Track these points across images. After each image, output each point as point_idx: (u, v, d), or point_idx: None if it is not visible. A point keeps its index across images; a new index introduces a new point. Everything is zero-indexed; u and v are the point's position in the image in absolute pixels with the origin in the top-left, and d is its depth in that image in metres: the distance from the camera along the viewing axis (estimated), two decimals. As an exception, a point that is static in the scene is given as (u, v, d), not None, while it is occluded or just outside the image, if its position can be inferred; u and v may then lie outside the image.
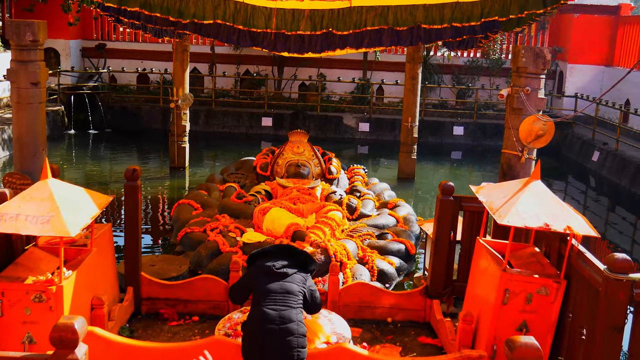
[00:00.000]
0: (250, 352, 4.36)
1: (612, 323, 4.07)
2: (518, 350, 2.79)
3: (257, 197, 9.38)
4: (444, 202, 6.08)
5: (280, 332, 4.29)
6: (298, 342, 4.30)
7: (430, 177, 14.75)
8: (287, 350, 4.26)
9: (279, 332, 4.29)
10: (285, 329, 4.31)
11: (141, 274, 6.23)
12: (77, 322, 2.85)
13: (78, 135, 17.60)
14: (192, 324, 6.08)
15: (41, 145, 7.22)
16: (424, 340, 5.89)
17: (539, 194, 4.90)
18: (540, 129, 6.47)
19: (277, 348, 4.27)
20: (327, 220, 8.34)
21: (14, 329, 4.59)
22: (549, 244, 5.27)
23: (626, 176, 14.27)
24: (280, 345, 4.26)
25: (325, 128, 18.45)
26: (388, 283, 7.39)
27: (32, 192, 4.64)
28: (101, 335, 4.47)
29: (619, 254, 4.07)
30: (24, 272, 4.80)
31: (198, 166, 14.54)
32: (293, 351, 4.27)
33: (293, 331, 4.32)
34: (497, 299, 4.84)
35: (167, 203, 11.71)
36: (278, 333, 4.29)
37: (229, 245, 7.77)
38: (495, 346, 4.92)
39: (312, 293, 4.69)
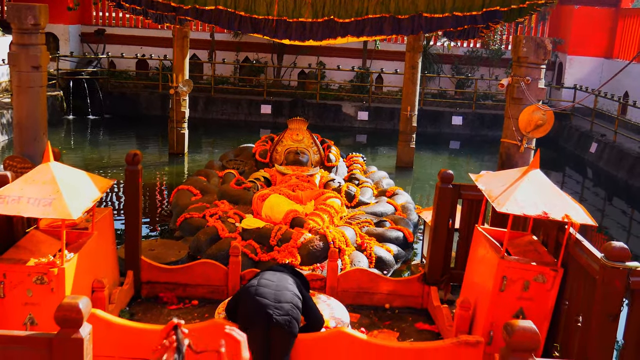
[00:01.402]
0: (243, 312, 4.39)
1: (608, 310, 4.12)
2: (516, 334, 2.83)
3: (256, 184, 9.41)
4: (443, 190, 6.11)
5: (275, 295, 4.34)
6: (293, 313, 4.33)
7: (429, 166, 14.78)
8: (281, 314, 4.27)
9: (274, 295, 4.34)
10: (280, 294, 4.36)
11: (141, 258, 6.26)
12: (82, 302, 2.89)
13: (77, 121, 17.58)
14: (192, 307, 6.13)
15: (42, 130, 7.24)
16: (421, 326, 5.95)
17: (538, 183, 4.94)
18: (539, 119, 6.50)
19: (270, 309, 4.28)
20: (326, 207, 8.37)
21: (15, 311, 4.62)
22: (546, 233, 5.31)
23: (623, 168, 14.32)
24: (273, 307, 4.28)
25: (324, 116, 18.46)
26: (386, 270, 7.44)
27: (34, 175, 4.66)
28: (102, 317, 4.51)
29: (616, 242, 4.12)
30: (26, 255, 4.83)
31: (197, 153, 14.55)
32: (286, 317, 4.28)
33: (288, 298, 4.35)
34: (494, 285, 4.89)
35: (166, 189, 11.73)
36: (273, 296, 4.33)
37: (228, 230, 7.80)
38: (492, 332, 4.98)
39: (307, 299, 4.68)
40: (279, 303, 4.32)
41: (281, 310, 4.28)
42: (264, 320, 4.26)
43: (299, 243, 7.39)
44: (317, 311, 4.67)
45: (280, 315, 4.26)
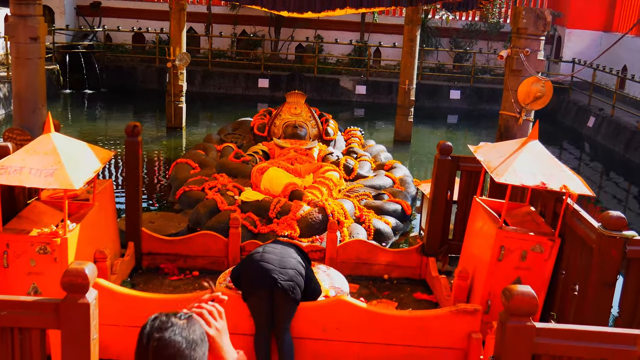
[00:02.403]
0: (248, 276, 4.45)
1: (605, 279, 4.17)
2: (515, 299, 2.88)
3: (255, 157, 9.44)
4: (442, 162, 6.15)
5: (280, 262, 4.39)
6: (297, 279, 4.38)
7: (427, 140, 14.80)
8: (285, 279, 4.33)
9: (279, 261, 4.39)
10: (285, 260, 4.42)
11: (142, 230, 6.30)
12: (88, 267, 2.92)
13: (73, 95, 17.52)
14: (192, 278, 6.19)
15: (41, 102, 7.22)
16: (419, 296, 6.03)
17: (536, 154, 4.97)
18: (538, 91, 6.51)
19: (275, 274, 4.33)
20: (325, 180, 8.41)
21: (19, 280, 4.67)
22: (544, 204, 5.36)
23: (620, 142, 14.36)
24: (278, 272, 4.34)
25: (322, 90, 18.42)
26: (384, 242, 7.50)
27: (35, 146, 4.68)
28: (106, 286, 4.55)
29: (613, 212, 4.17)
30: (28, 225, 4.86)
31: (194, 127, 14.54)
32: (290, 282, 4.34)
33: (292, 264, 4.41)
34: (492, 255, 4.94)
35: (164, 162, 11.74)
36: (278, 262, 4.39)
37: (227, 203, 7.84)
38: (490, 302, 5.05)
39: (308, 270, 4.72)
40: (284, 269, 4.37)
41: (286, 276, 4.33)
42: (268, 284, 4.31)
43: (298, 215, 7.43)
44: (315, 283, 4.72)
45: (284, 281, 4.31)
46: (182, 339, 1.84)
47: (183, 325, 1.87)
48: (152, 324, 1.88)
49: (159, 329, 1.85)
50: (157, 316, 1.91)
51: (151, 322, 1.89)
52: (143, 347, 1.86)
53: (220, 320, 2.07)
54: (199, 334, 1.90)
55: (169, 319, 1.88)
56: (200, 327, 1.92)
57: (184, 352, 1.84)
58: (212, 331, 2.01)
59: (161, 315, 1.91)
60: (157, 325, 1.86)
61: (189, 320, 1.90)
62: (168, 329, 1.85)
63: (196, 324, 1.91)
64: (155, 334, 1.84)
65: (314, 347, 4.55)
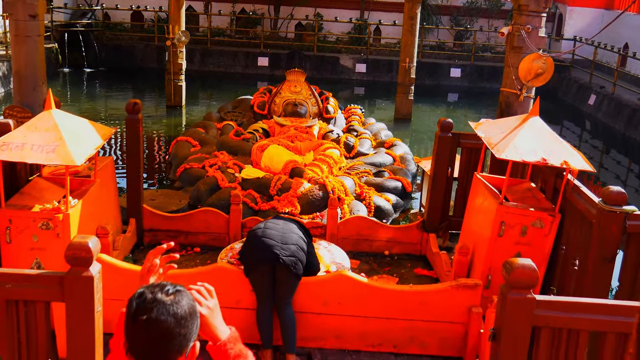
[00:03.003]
0: (250, 250, 4.48)
1: (604, 254, 4.19)
2: (515, 271, 2.90)
3: (255, 135, 9.43)
4: (443, 139, 6.15)
5: (282, 237, 4.42)
6: (299, 255, 4.41)
7: (427, 118, 14.78)
8: (287, 254, 4.35)
9: (281, 237, 4.42)
10: (287, 236, 4.44)
11: (143, 206, 6.32)
12: (91, 241, 2.94)
13: (72, 74, 17.46)
14: (194, 254, 6.22)
15: (40, 79, 7.21)
16: (420, 272, 6.06)
17: (537, 130, 4.97)
18: (539, 67, 6.49)
19: (277, 249, 4.36)
20: (325, 157, 8.42)
21: (22, 255, 4.69)
22: (544, 180, 5.37)
23: (621, 120, 14.35)
24: (280, 248, 4.36)
25: (322, 68, 18.35)
26: (385, 219, 7.52)
27: (36, 122, 4.67)
28: (108, 261, 4.58)
29: (613, 187, 4.18)
30: (30, 201, 4.88)
31: (194, 105, 14.52)
32: (292, 257, 4.36)
33: (294, 240, 4.43)
34: (492, 231, 4.96)
35: (164, 140, 11.73)
36: (280, 237, 4.41)
37: (227, 180, 7.85)
38: (490, 277, 5.08)
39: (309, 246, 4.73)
40: (286, 244, 4.39)
41: (287, 251, 4.36)
42: (270, 260, 4.34)
43: (299, 192, 7.45)
44: (315, 259, 4.74)
45: (286, 256, 4.33)
46: (170, 318, 1.78)
47: (170, 302, 1.80)
48: (138, 302, 1.81)
49: (145, 310, 1.78)
50: (142, 293, 1.82)
51: (136, 300, 1.82)
52: (131, 326, 1.81)
53: (210, 299, 2.05)
54: (188, 308, 1.83)
55: (154, 296, 1.80)
56: (189, 300, 1.86)
57: (174, 330, 1.79)
58: (204, 310, 1.99)
59: (147, 291, 1.82)
60: (142, 305, 1.79)
61: (176, 294, 1.83)
62: (154, 308, 1.78)
63: (184, 297, 1.85)
64: (142, 315, 1.78)
65: (315, 321, 4.59)
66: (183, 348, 1.83)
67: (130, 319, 1.81)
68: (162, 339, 1.79)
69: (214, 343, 2.05)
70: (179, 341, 1.81)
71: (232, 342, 2.06)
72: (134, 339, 1.82)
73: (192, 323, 1.85)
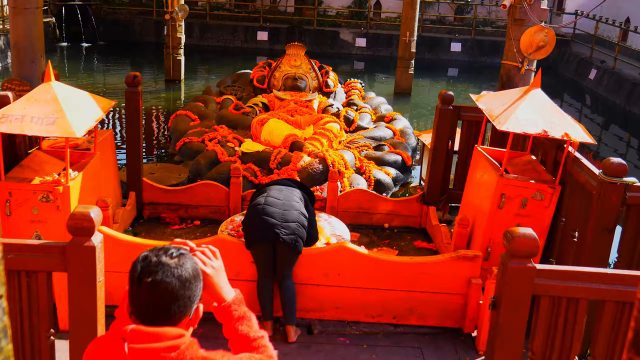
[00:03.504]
0: (251, 225, 4.49)
1: (604, 225, 4.20)
2: (516, 240, 2.91)
3: (255, 109, 9.40)
4: (443, 111, 6.13)
5: (282, 215, 4.42)
6: (299, 232, 4.42)
7: (427, 93, 14.73)
8: (287, 233, 4.36)
9: (281, 215, 4.42)
10: (287, 213, 4.44)
11: (143, 180, 6.32)
12: (93, 211, 2.94)
13: (70, 48, 17.35)
14: (194, 227, 6.23)
15: (39, 52, 7.16)
16: (419, 244, 6.08)
17: (538, 102, 4.95)
18: (541, 40, 6.45)
19: (277, 228, 4.35)
20: (325, 131, 8.40)
21: (22, 228, 4.69)
22: (545, 152, 5.36)
23: (622, 95, 14.30)
24: (280, 227, 4.37)
25: (322, 43, 18.24)
26: (385, 192, 7.53)
27: (36, 94, 4.65)
28: (109, 233, 4.58)
29: (614, 158, 4.17)
30: (30, 174, 4.87)
31: (193, 79, 14.45)
32: (292, 236, 4.38)
33: (294, 217, 4.44)
34: (492, 202, 4.97)
35: (163, 115, 11.70)
36: (280, 215, 4.42)
37: (227, 154, 7.85)
38: (490, 249, 5.10)
39: (311, 216, 4.73)
40: (286, 222, 4.40)
41: (288, 230, 4.37)
42: (271, 238, 4.36)
43: (299, 166, 7.45)
44: (314, 229, 4.75)
45: (287, 235, 4.35)
46: (174, 280, 1.80)
47: (174, 265, 1.82)
48: (142, 265, 1.82)
49: (150, 272, 1.80)
50: (147, 256, 1.84)
51: (141, 263, 1.83)
52: (136, 289, 1.82)
53: (215, 260, 2.07)
54: (192, 271, 1.85)
55: (159, 259, 1.82)
56: (192, 263, 1.88)
57: (178, 292, 1.80)
58: (209, 269, 2.01)
59: (151, 254, 1.84)
60: (147, 268, 1.81)
61: (180, 257, 1.85)
62: (159, 271, 1.79)
63: (188, 260, 1.86)
64: (147, 277, 1.79)
65: (315, 292, 4.61)
66: (187, 310, 1.85)
67: (134, 281, 1.82)
68: (167, 300, 1.81)
69: (219, 304, 2.07)
70: (183, 303, 1.83)
71: (236, 304, 2.09)
72: (138, 301, 1.83)
73: (196, 285, 1.87)
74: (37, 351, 3.15)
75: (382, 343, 4.50)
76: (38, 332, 3.13)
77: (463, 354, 4.43)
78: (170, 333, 1.80)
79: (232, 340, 2.14)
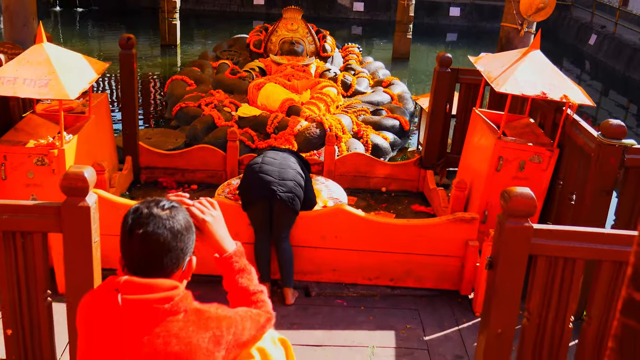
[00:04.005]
0: (248, 184, 4.46)
1: (602, 187, 4.19)
2: (513, 200, 2.89)
3: (251, 73, 9.32)
4: (441, 74, 6.07)
5: (279, 173, 4.40)
6: (296, 191, 4.40)
7: (425, 57, 14.61)
8: (284, 190, 4.35)
9: (278, 172, 4.40)
10: (284, 171, 4.42)
11: (139, 144, 6.28)
12: (87, 171, 2.91)
13: (64, 13, 17.13)
14: (191, 192, 6.21)
15: (31, 15, 7.05)
16: (417, 208, 6.07)
17: (538, 64, 4.90)
18: (541, 2, 6.36)
19: (274, 185, 4.33)
20: (322, 96, 8.34)
21: (18, 192, 4.67)
22: (544, 115, 5.33)
23: (622, 60, 14.19)
24: (277, 184, 4.34)
25: (319, 7, 18.03)
26: (382, 157, 7.50)
27: (28, 56, 4.58)
28: (105, 196, 4.56)
29: (613, 120, 4.14)
30: (25, 137, 4.84)
31: (189, 44, 14.30)
32: (289, 194, 4.36)
33: (291, 176, 4.42)
34: (490, 165, 4.95)
35: (159, 80, 11.60)
36: (277, 173, 4.40)
37: (224, 119, 7.79)
38: (487, 211, 5.10)
39: (307, 180, 4.69)
40: (283, 180, 4.37)
41: (285, 187, 4.34)
42: (268, 196, 4.32)
43: (296, 130, 7.40)
44: (312, 193, 4.73)
45: (284, 192, 4.32)
46: (166, 231, 1.79)
47: (166, 216, 1.80)
48: (134, 216, 1.81)
49: (141, 224, 1.78)
50: (138, 208, 1.83)
51: (132, 214, 1.82)
52: (127, 241, 1.81)
53: (214, 210, 2.08)
54: (184, 223, 1.84)
55: (150, 210, 1.80)
56: (184, 215, 1.86)
57: (170, 244, 1.79)
58: (208, 217, 2.02)
59: (142, 206, 1.82)
60: (138, 220, 1.79)
61: (171, 209, 1.83)
62: (150, 222, 1.78)
63: (180, 212, 1.85)
64: (138, 229, 1.78)
65: (313, 255, 4.61)
66: (179, 262, 1.84)
67: (126, 233, 1.81)
68: (159, 252, 1.79)
69: (220, 255, 2.07)
70: (176, 255, 1.82)
71: (238, 255, 2.11)
72: (130, 253, 1.82)
73: (188, 237, 1.86)
74: (35, 313, 3.15)
75: (379, 305, 4.52)
76: (35, 293, 3.12)
77: (460, 316, 4.45)
78: (164, 284, 1.79)
79: (231, 293, 2.15)
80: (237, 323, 1.91)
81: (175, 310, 1.77)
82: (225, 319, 1.87)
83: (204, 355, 1.77)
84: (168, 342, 1.75)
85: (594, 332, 3.13)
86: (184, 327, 1.77)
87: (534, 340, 3.13)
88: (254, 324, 1.99)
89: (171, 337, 1.75)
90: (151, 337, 1.74)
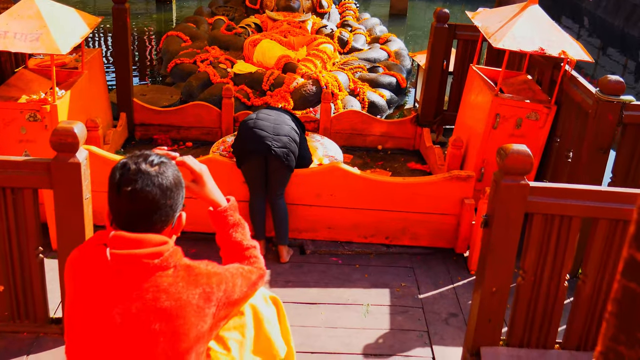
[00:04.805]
0: (242, 139, 4.42)
1: (599, 144, 4.15)
2: (510, 157, 2.86)
3: (247, 30, 9.18)
4: (439, 30, 5.98)
5: (274, 128, 4.36)
6: (291, 146, 4.35)
7: (422, 15, 14.40)
8: (279, 146, 4.30)
9: (273, 128, 4.36)
10: (279, 127, 4.37)
11: (133, 100, 6.20)
12: (77, 126, 2.87)
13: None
14: (186, 149, 6.17)
15: (21, -32, 6.89)
16: (413, 166, 6.05)
17: (536, 19, 4.82)
18: (541, -45, 6.22)
19: (269, 140, 4.28)
20: (318, 52, 8.23)
21: (10, 148, 4.63)
22: (541, 71, 5.26)
23: (621, 16, 14.02)
24: (272, 139, 4.30)
25: (316, -38, 17.68)
26: (379, 115, 7.44)
27: (18, 10, 4.48)
28: (99, 153, 4.51)
29: (611, 76, 4.09)
30: (17, 92, 4.77)
31: (184, 0, 14.06)
32: (284, 149, 4.32)
33: (286, 131, 4.37)
34: (487, 123, 4.91)
35: (154, 36, 11.43)
36: (272, 129, 4.35)
37: (219, 76, 7.70)
38: (483, 169, 5.07)
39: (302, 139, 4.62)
40: (278, 136, 4.32)
41: (279, 142, 4.29)
42: (262, 151, 4.28)
43: (292, 87, 7.33)
44: (307, 152, 4.68)
45: (278, 147, 4.27)
46: (155, 189, 1.75)
47: (155, 173, 1.76)
48: (121, 172, 1.76)
49: (129, 181, 1.74)
50: (126, 163, 1.78)
51: (120, 170, 1.77)
52: (115, 197, 1.77)
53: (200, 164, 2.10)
54: (173, 179, 1.80)
55: (138, 167, 1.75)
56: (174, 170, 1.82)
57: (159, 201, 1.76)
58: (202, 166, 2.03)
59: (130, 162, 1.78)
60: (126, 176, 1.75)
61: (160, 165, 1.79)
62: (138, 179, 1.74)
63: (169, 167, 1.81)
64: (126, 186, 1.74)
65: (307, 212, 4.59)
66: (169, 218, 1.82)
67: (114, 189, 1.78)
68: (148, 210, 1.76)
69: (215, 208, 2.06)
70: (165, 212, 1.79)
71: (232, 209, 2.10)
72: (118, 209, 1.79)
73: (178, 194, 1.83)
74: (27, 269, 3.15)
75: (374, 263, 4.52)
76: (27, 249, 3.12)
77: (455, 274, 4.46)
78: (154, 239, 1.77)
79: (224, 248, 2.14)
80: (228, 280, 1.89)
81: (164, 265, 1.75)
82: (216, 275, 1.86)
83: (194, 311, 1.76)
84: (157, 298, 1.73)
85: (590, 290, 3.14)
86: (174, 282, 1.76)
87: (528, 299, 3.14)
88: (245, 280, 1.98)
89: (160, 292, 1.74)
90: (140, 292, 1.73)
